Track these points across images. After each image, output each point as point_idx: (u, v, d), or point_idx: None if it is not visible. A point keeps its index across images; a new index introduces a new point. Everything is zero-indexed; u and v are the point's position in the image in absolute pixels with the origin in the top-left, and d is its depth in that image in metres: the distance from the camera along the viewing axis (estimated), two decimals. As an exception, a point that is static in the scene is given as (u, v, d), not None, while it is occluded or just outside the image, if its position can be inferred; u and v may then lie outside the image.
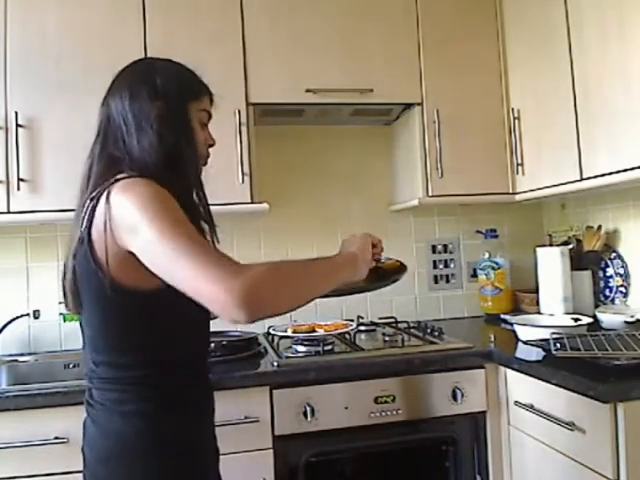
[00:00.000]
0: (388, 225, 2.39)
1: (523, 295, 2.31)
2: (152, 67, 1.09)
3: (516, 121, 2.07)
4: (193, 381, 1.08)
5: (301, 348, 1.78)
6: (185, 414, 1.04)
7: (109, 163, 1.02)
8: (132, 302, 0.97)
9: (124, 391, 0.99)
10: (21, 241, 2.09)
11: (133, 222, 0.90)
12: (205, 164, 1.14)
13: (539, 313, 2.04)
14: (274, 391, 1.58)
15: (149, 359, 1.00)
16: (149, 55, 1.84)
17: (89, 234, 0.95)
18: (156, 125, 1.00)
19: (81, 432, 1.06)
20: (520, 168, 2.07)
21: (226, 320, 0.86)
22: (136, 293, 0.96)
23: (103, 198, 0.94)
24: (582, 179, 1.74)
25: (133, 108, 1.01)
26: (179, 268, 0.86)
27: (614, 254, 2.09)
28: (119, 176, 0.98)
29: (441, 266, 2.44)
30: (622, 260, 2.06)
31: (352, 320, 2.08)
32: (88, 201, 0.98)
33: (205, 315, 1.10)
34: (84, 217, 0.97)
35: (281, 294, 0.91)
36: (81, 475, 1.06)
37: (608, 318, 1.84)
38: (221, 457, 1.16)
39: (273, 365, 1.64)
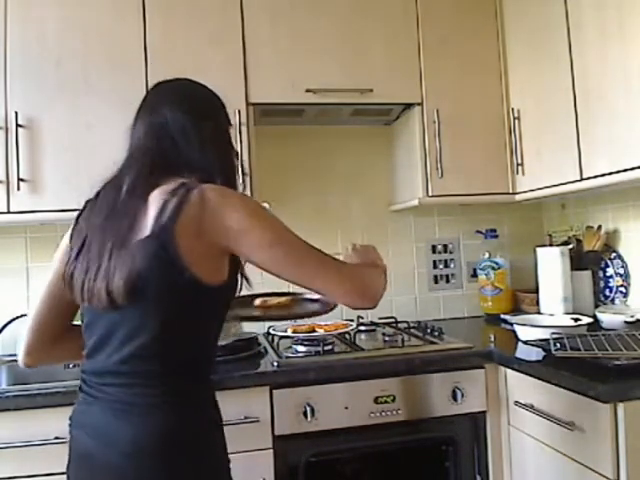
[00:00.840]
0: (388, 225, 2.39)
1: (523, 295, 2.31)
2: (201, 91, 1.18)
3: (516, 121, 2.07)
4: (211, 376, 1.12)
5: (301, 348, 1.78)
6: (215, 409, 1.10)
7: (165, 168, 1.05)
8: (199, 294, 1.00)
9: (165, 384, 1.00)
10: (21, 241, 2.10)
11: (248, 224, 1.00)
12: None
13: (539, 313, 2.04)
14: (274, 391, 1.59)
15: (195, 352, 1.05)
16: (149, 55, 1.86)
17: (174, 225, 0.96)
18: (214, 143, 1.11)
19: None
20: (520, 168, 2.07)
21: (352, 307, 1.10)
22: (204, 286, 1.00)
23: (195, 195, 0.97)
24: (582, 179, 1.74)
25: (194, 125, 1.09)
26: (313, 267, 1.05)
27: (614, 254, 2.09)
28: (189, 179, 1.02)
29: (441, 266, 2.44)
30: (622, 260, 2.06)
31: (352, 320, 2.08)
32: (166, 195, 0.98)
33: None
34: (164, 209, 0.97)
35: (382, 288, 1.15)
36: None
37: (608, 318, 1.84)
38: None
39: (273, 365, 1.64)
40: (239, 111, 1.90)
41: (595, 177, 1.68)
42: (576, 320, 1.75)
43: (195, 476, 1.01)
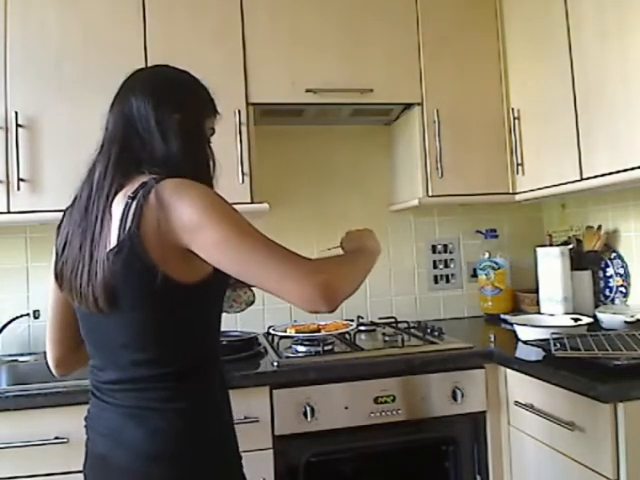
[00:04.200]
0: (388, 225, 2.39)
1: (523, 295, 2.31)
2: (175, 79, 1.11)
3: (516, 121, 2.07)
4: (220, 373, 1.11)
5: (301, 348, 1.79)
6: (225, 401, 1.09)
7: (130, 161, 1.02)
8: (180, 295, 0.98)
9: (173, 388, 0.99)
10: (21, 241, 2.10)
11: (198, 221, 0.93)
12: None
13: (539, 313, 2.04)
14: (274, 391, 1.59)
15: (193, 352, 1.03)
16: (149, 55, 1.85)
17: (138, 231, 0.94)
18: (179, 136, 1.04)
19: (82, 432, 1.06)
20: (520, 168, 2.07)
21: (308, 311, 0.95)
22: (183, 286, 0.97)
23: (152, 197, 0.94)
24: (582, 179, 1.74)
25: (157, 116, 1.03)
26: (263, 267, 0.93)
27: (614, 254, 2.09)
28: (152, 176, 0.98)
29: (441, 266, 2.44)
30: (622, 260, 2.06)
31: (352, 320, 2.08)
32: (127, 200, 0.96)
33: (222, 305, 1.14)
34: (126, 216, 0.95)
35: (349, 285, 1.00)
36: (81, 475, 1.06)
37: (608, 318, 1.84)
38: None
39: (273, 365, 1.64)
40: (239, 111, 1.90)
41: (595, 177, 1.68)
42: (576, 320, 1.76)
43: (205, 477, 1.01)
